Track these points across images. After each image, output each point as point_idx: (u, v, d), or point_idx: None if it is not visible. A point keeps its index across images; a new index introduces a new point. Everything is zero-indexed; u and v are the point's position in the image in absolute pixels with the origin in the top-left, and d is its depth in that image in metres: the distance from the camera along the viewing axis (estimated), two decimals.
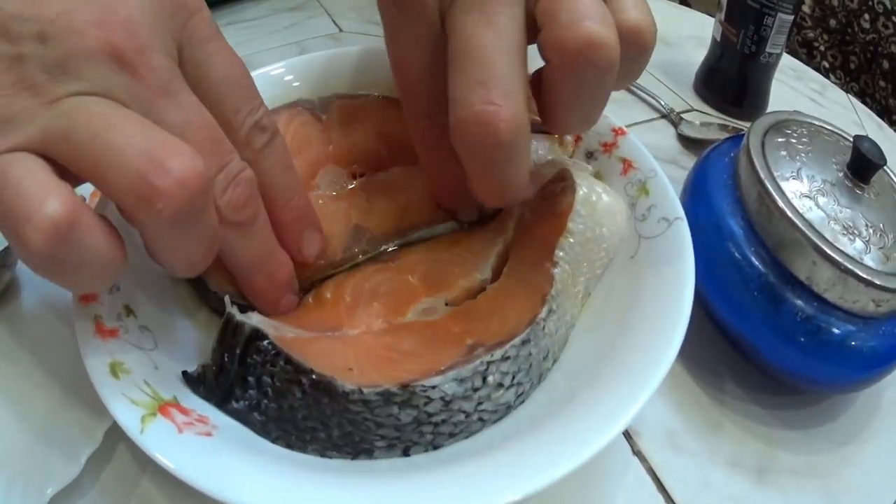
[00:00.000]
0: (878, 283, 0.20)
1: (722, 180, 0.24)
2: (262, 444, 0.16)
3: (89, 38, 0.13)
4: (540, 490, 0.14)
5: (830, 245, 0.21)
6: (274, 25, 0.39)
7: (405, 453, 0.16)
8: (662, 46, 0.42)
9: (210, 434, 0.15)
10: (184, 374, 0.17)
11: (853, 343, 0.21)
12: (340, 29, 0.39)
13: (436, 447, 0.16)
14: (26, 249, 0.12)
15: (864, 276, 0.20)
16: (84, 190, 0.17)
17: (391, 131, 0.22)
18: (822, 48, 0.55)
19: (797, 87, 0.39)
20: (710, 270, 0.22)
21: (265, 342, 0.16)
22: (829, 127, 0.25)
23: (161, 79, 0.14)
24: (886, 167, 0.23)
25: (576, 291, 0.19)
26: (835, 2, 0.53)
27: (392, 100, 0.22)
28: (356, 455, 0.16)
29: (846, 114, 0.38)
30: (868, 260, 0.21)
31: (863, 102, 0.41)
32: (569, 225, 0.18)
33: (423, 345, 0.17)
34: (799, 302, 0.21)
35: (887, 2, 0.49)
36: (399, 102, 0.22)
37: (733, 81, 0.35)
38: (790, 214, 0.21)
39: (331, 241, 0.19)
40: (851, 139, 0.23)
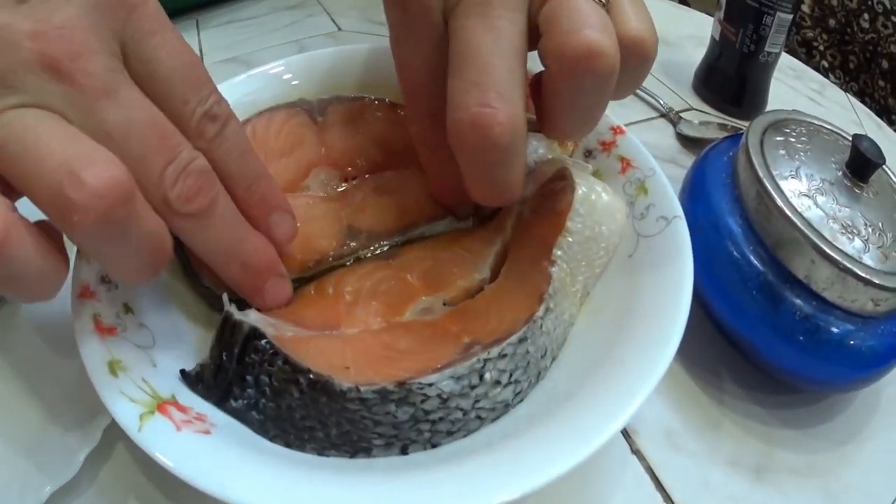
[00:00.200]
0: (877, 282, 0.20)
1: (721, 179, 0.24)
2: (261, 443, 0.16)
3: (24, 50, 0.13)
4: (538, 488, 0.14)
5: (829, 244, 0.21)
6: (273, 24, 0.39)
7: (403, 451, 0.16)
8: (662, 46, 0.42)
9: (208, 432, 0.15)
10: (182, 373, 0.17)
11: (852, 342, 0.21)
12: (339, 28, 0.39)
13: (434, 445, 0.16)
14: None
15: (863, 275, 0.20)
16: None
17: (387, 136, 0.22)
18: (822, 48, 0.55)
19: (796, 87, 0.39)
20: (709, 269, 0.22)
21: (263, 341, 0.16)
22: (828, 126, 0.25)
23: (99, 82, 0.14)
24: (885, 166, 0.23)
25: (574, 290, 0.19)
26: (834, 1, 0.53)
27: (389, 104, 0.22)
28: (354, 453, 0.16)
29: (845, 113, 0.38)
30: (867, 259, 0.21)
31: (862, 102, 0.41)
32: (567, 224, 0.18)
33: (421, 343, 0.17)
34: (798, 301, 0.21)
35: (886, 1, 0.49)
36: (396, 107, 0.23)
37: (732, 81, 0.35)
38: (789, 213, 0.21)
39: (322, 241, 0.19)
40: (850, 138, 0.23)
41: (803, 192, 0.22)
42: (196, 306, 0.19)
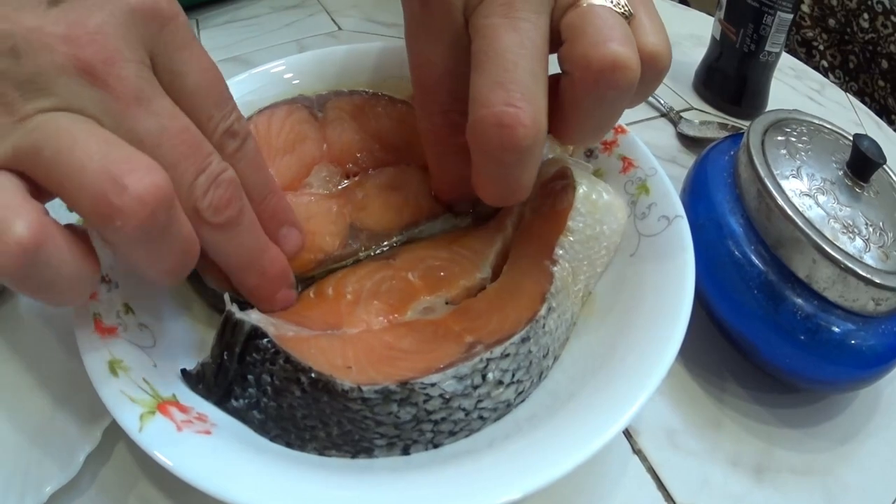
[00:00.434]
0: (878, 282, 0.20)
1: (722, 178, 0.24)
2: (262, 443, 0.16)
3: (58, 54, 0.13)
4: (540, 489, 0.14)
5: (830, 243, 0.21)
6: (273, 24, 0.39)
7: (405, 452, 0.16)
8: None
9: (209, 432, 0.15)
10: (183, 372, 0.17)
11: (853, 342, 0.21)
12: (339, 27, 0.39)
13: (436, 446, 0.16)
14: None
15: (864, 275, 0.20)
16: None
17: (388, 131, 0.22)
18: (822, 47, 0.55)
19: (796, 87, 0.39)
20: (710, 269, 0.22)
21: (265, 340, 0.16)
22: (829, 126, 0.25)
23: (132, 88, 0.14)
24: (886, 166, 0.23)
25: (576, 290, 0.19)
26: (834, 1, 0.53)
27: (389, 99, 0.22)
28: (356, 454, 0.16)
29: (845, 113, 0.38)
30: (868, 258, 0.21)
31: (862, 102, 0.41)
32: (569, 223, 0.18)
33: (423, 343, 0.17)
34: (798, 300, 0.21)
35: (886, 1, 0.49)
36: (395, 102, 0.22)
37: (732, 80, 0.35)
38: (790, 213, 0.21)
39: (325, 239, 0.19)
40: (851, 138, 0.23)
41: (804, 192, 0.22)
42: (197, 306, 0.19)
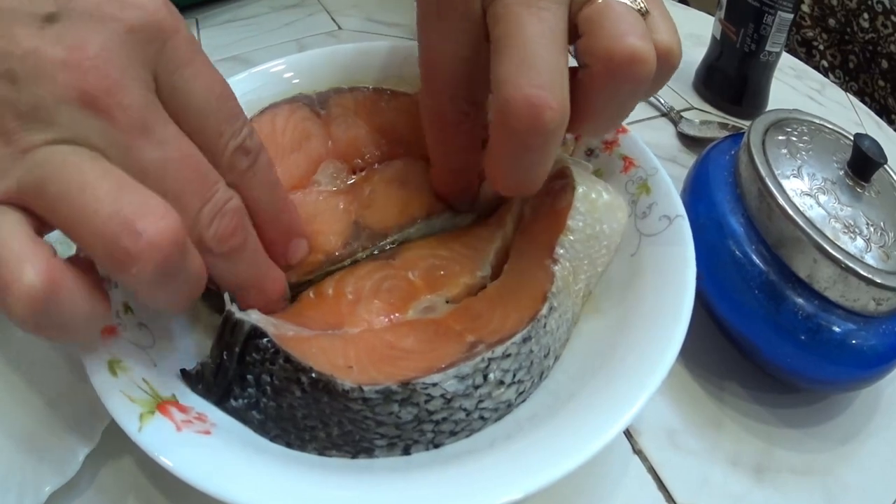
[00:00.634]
0: (879, 282, 0.20)
1: (722, 178, 0.24)
2: (261, 443, 0.16)
3: (58, 83, 0.13)
4: (540, 489, 0.14)
5: (831, 243, 0.20)
6: (273, 23, 0.39)
7: (406, 452, 0.16)
8: None
9: (209, 432, 0.15)
10: (182, 372, 0.17)
11: (853, 341, 0.21)
12: (339, 27, 0.39)
13: (437, 446, 0.16)
14: (8, 316, 0.12)
15: (865, 275, 0.20)
16: None
17: (392, 124, 0.22)
18: (822, 47, 0.55)
19: (796, 86, 0.39)
20: (711, 269, 0.22)
21: (264, 340, 0.16)
22: (830, 125, 0.25)
23: (135, 117, 0.13)
24: (887, 166, 0.23)
25: (577, 289, 0.19)
26: (834, 1, 0.53)
27: (390, 92, 0.22)
28: (356, 454, 0.16)
29: (845, 113, 0.38)
30: (869, 258, 0.21)
31: (862, 102, 0.41)
32: (568, 222, 0.18)
33: (424, 342, 0.17)
34: (799, 300, 0.21)
35: (886, 1, 0.49)
36: (397, 95, 0.22)
37: (733, 80, 0.35)
38: (791, 212, 0.21)
39: (330, 238, 0.19)
40: (852, 137, 0.23)
41: (805, 192, 0.22)
42: (197, 305, 0.19)
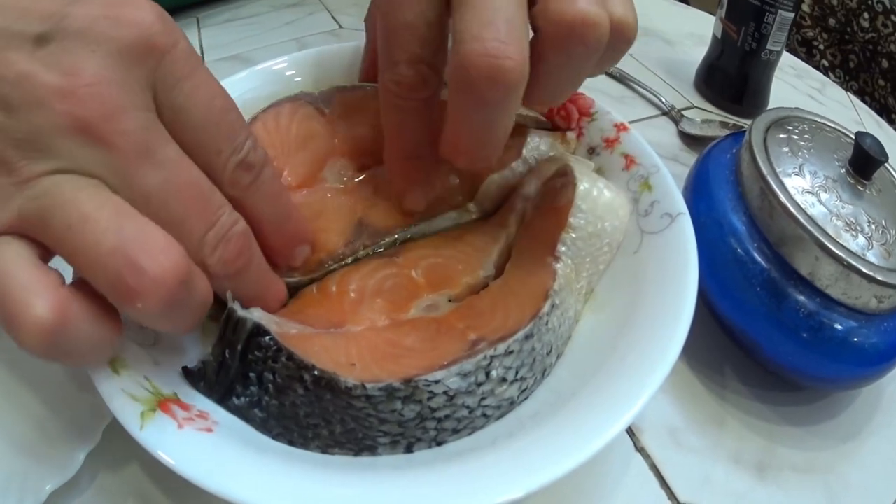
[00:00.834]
0: (881, 280, 0.20)
1: (724, 176, 0.24)
2: (264, 441, 0.16)
3: (55, 112, 0.12)
4: (543, 487, 0.14)
5: (833, 241, 0.20)
6: (273, 22, 0.39)
7: (408, 450, 0.16)
8: (663, 44, 0.42)
9: (211, 430, 0.15)
10: (184, 370, 0.17)
11: (855, 339, 0.21)
12: (340, 25, 0.39)
13: (439, 444, 0.16)
14: (23, 348, 0.13)
15: (867, 273, 0.20)
16: None
17: None
18: (822, 47, 0.55)
19: (797, 86, 0.40)
20: (712, 266, 0.22)
21: (267, 338, 0.16)
22: (831, 123, 0.25)
23: (135, 142, 0.13)
24: (888, 164, 0.23)
25: (579, 287, 0.19)
26: (834, 1, 0.53)
27: None
28: (359, 452, 0.16)
29: (846, 112, 0.38)
30: (870, 256, 0.21)
31: (862, 101, 0.41)
32: (570, 220, 0.18)
33: (426, 340, 0.17)
34: (801, 298, 0.21)
35: (886, 1, 0.49)
36: None
37: (734, 79, 0.35)
38: (793, 210, 0.21)
39: (333, 236, 0.19)
40: (853, 136, 0.23)
41: (807, 189, 0.22)
42: None
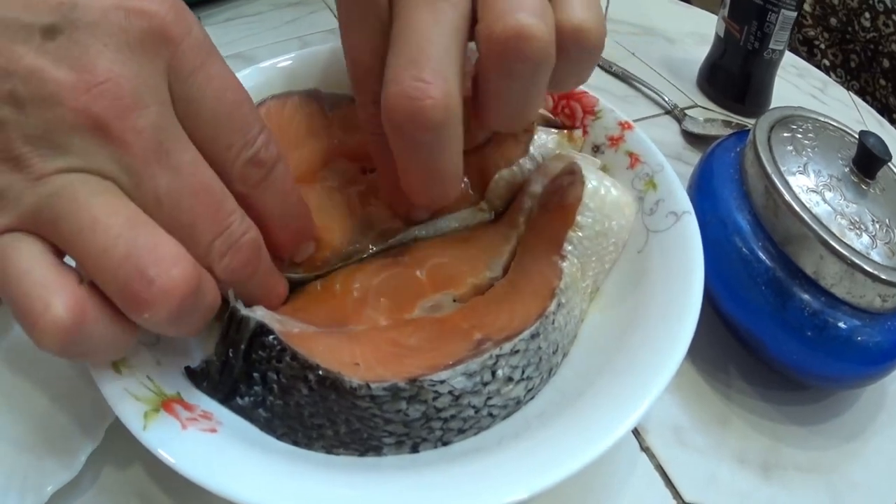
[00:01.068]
0: (885, 278, 0.20)
1: (728, 175, 0.24)
2: (268, 441, 0.16)
3: (67, 109, 0.12)
4: (548, 488, 0.14)
5: (837, 240, 0.20)
6: (275, 21, 0.39)
7: (414, 450, 0.16)
8: (665, 43, 0.42)
9: (214, 430, 0.15)
10: (187, 370, 0.16)
11: (860, 338, 0.21)
12: None
13: (445, 444, 0.16)
14: (39, 347, 0.13)
15: (871, 271, 0.20)
16: None
17: None
18: (823, 46, 0.55)
19: (799, 85, 0.40)
20: (717, 265, 0.22)
21: (270, 337, 0.16)
22: (834, 123, 0.25)
23: (149, 141, 0.13)
24: (891, 163, 0.23)
25: (585, 286, 0.18)
26: (835, 0, 0.53)
27: None
28: (364, 452, 0.16)
29: (848, 111, 0.38)
30: (875, 255, 0.21)
31: (863, 101, 0.41)
32: (577, 218, 0.18)
33: (431, 340, 0.17)
34: (806, 297, 0.21)
35: (888, 0, 0.49)
36: None
37: (736, 78, 0.35)
38: (797, 209, 0.21)
39: (337, 235, 0.19)
40: (856, 135, 0.23)
41: (811, 188, 0.22)
42: None
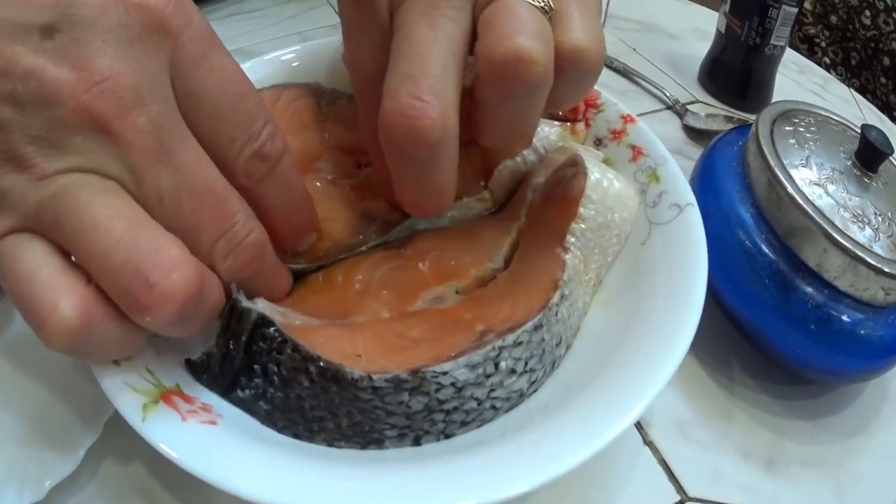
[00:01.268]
0: (888, 271, 0.20)
1: (731, 168, 0.24)
2: (269, 434, 0.15)
3: (68, 109, 0.12)
4: (551, 480, 0.14)
5: (840, 232, 0.20)
6: (276, 16, 0.39)
7: (416, 443, 0.16)
8: (667, 39, 0.42)
9: (214, 423, 0.15)
10: (187, 362, 0.16)
11: (862, 332, 0.21)
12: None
13: (447, 436, 0.16)
14: (48, 347, 0.13)
15: (874, 264, 0.20)
16: None
17: None
18: (823, 44, 0.55)
19: (800, 81, 0.40)
20: (720, 258, 0.22)
21: (272, 329, 0.15)
22: (836, 117, 0.25)
23: (151, 140, 0.13)
24: (893, 157, 0.23)
25: (587, 278, 0.18)
26: None
27: None
28: (366, 445, 0.15)
29: (848, 108, 0.38)
30: (877, 248, 0.21)
31: (864, 98, 0.41)
32: (580, 210, 0.18)
33: (433, 331, 0.17)
34: (809, 290, 0.21)
35: None
36: None
37: (738, 73, 0.35)
38: (800, 201, 0.21)
39: (339, 226, 0.19)
40: (858, 129, 0.23)
41: (814, 181, 0.22)
42: None
